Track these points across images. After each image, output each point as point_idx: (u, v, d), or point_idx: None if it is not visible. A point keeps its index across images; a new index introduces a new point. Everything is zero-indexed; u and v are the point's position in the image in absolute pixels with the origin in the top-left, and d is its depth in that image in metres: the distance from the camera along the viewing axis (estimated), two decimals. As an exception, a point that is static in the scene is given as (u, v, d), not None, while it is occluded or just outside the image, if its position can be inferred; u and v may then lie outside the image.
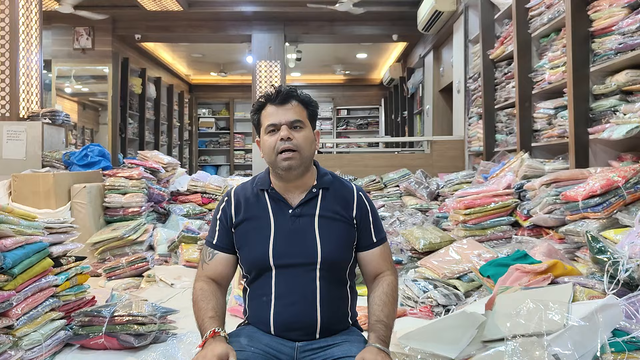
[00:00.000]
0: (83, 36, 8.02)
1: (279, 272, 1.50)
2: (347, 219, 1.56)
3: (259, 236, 1.52)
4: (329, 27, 8.31)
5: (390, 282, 1.55)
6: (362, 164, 6.08)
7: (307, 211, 1.54)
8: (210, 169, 12.14)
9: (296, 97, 1.56)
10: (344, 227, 1.55)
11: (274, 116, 1.53)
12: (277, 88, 1.56)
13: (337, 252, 1.52)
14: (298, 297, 1.47)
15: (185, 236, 4.02)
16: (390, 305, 1.51)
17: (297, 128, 1.53)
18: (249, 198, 1.58)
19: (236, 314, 2.63)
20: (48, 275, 2.27)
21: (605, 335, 1.40)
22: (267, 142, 1.53)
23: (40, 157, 4.91)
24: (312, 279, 1.49)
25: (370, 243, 1.58)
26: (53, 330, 2.21)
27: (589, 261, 2.15)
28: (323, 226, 1.52)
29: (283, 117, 1.52)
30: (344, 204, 1.57)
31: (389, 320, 1.47)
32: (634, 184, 2.50)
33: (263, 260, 1.50)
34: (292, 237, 1.51)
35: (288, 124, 1.52)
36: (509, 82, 4.71)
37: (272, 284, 1.50)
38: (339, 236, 1.53)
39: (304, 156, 1.52)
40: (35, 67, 5.39)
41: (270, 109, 1.54)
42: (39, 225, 2.32)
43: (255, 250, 1.51)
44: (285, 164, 1.49)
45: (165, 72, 10.83)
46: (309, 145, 1.54)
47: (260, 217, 1.54)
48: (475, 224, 3.36)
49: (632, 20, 2.84)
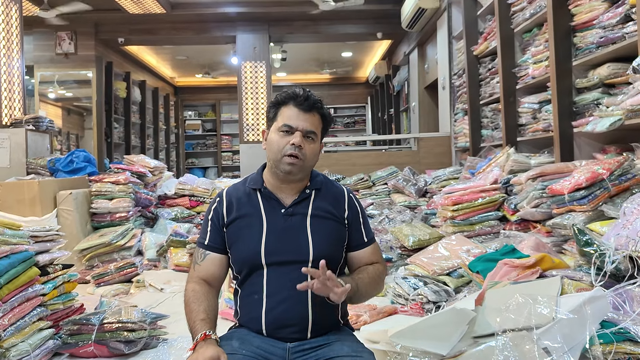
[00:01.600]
0: (65, 41, 7.93)
1: (271, 270, 1.50)
2: (339, 218, 1.58)
3: (251, 234, 1.53)
4: (313, 26, 8.30)
5: (376, 266, 1.61)
6: (349, 163, 6.08)
7: (299, 210, 1.56)
8: (198, 172, 12.08)
9: (319, 109, 1.58)
10: (335, 226, 1.57)
11: (293, 119, 1.53)
12: (306, 92, 1.56)
13: (328, 249, 1.53)
14: (289, 294, 1.47)
15: (173, 240, 3.99)
16: (366, 275, 1.55)
17: (310, 139, 1.55)
18: (241, 197, 1.59)
19: (226, 317, 2.62)
20: (35, 284, 2.24)
21: (594, 327, 1.41)
22: (277, 140, 1.53)
23: (24, 164, 4.84)
24: (303, 277, 1.48)
25: (361, 242, 1.61)
26: (41, 340, 2.19)
27: (576, 254, 2.17)
28: (315, 224, 1.54)
29: (302, 124, 1.53)
30: (336, 204, 1.60)
31: (360, 283, 1.50)
32: (618, 176, 2.52)
33: (255, 257, 1.50)
34: (284, 235, 1.52)
35: (304, 132, 1.53)
36: (493, 77, 4.74)
37: (264, 282, 1.50)
38: (330, 234, 1.55)
39: (306, 166, 1.55)
40: (17, 73, 5.32)
41: (292, 109, 1.55)
42: (24, 234, 2.29)
43: (247, 247, 1.52)
44: (287, 168, 1.51)
45: (150, 75, 10.76)
46: (314, 158, 1.57)
47: (252, 215, 1.55)
48: (464, 219, 3.38)
49: (613, 14, 2.87)
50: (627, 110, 2.66)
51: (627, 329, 1.44)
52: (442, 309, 2.18)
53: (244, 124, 8.16)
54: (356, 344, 1.49)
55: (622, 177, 2.53)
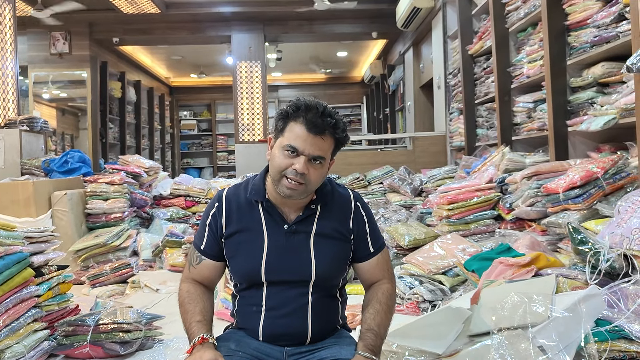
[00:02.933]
0: (60, 41, 7.90)
1: (271, 287, 1.46)
2: (344, 235, 1.50)
3: (251, 250, 1.46)
4: (309, 26, 8.30)
5: (386, 290, 1.51)
6: (345, 162, 6.08)
7: (303, 228, 1.47)
8: (193, 172, 12.06)
9: (333, 132, 1.41)
10: (340, 245, 1.50)
11: (300, 140, 1.38)
12: (319, 109, 1.39)
13: (331, 270, 1.48)
14: (289, 310, 1.45)
15: (169, 240, 3.98)
16: (384, 314, 1.46)
17: (317, 163, 1.41)
18: (242, 207, 1.50)
19: (222, 317, 2.61)
20: (29, 285, 2.23)
21: (589, 325, 1.41)
22: (280, 159, 1.40)
23: (19, 165, 4.82)
24: (303, 294, 1.46)
25: (367, 254, 1.53)
26: (36, 341, 2.18)
27: (571, 252, 2.18)
28: (319, 244, 1.46)
29: (309, 148, 1.38)
30: (342, 219, 1.51)
31: (380, 330, 1.42)
32: (613, 175, 2.53)
33: (255, 274, 1.45)
34: (286, 254, 1.45)
35: (310, 157, 1.39)
36: (488, 76, 4.75)
37: (263, 296, 1.47)
38: (334, 255, 1.48)
39: (309, 189, 1.43)
40: (11, 73, 5.29)
41: (301, 128, 1.38)
42: (18, 235, 2.28)
43: (247, 264, 1.46)
44: (287, 192, 1.41)
45: (145, 75, 10.73)
46: (319, 180, 1.45)
47: (253, 230, 1.47)
48: (459, 218, 3.39)
49: (607, 13, 2.88)
50: (621, 109, 2.67)
51: (622, 327, 1.45)
52: (437, 308, 2.18)
53: (240, 123, 8.15)
54: (353, 346, 1.47)
55: (616, 175, 2.54)
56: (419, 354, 1.59)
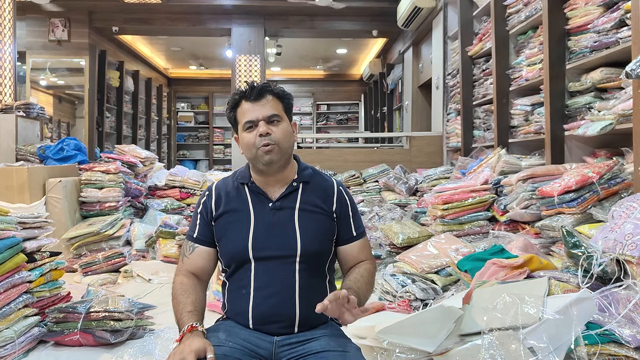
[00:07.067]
0: (59, 28, 7.85)
1: (258, 265, 1.50)
2: (327, 212, 1.57)
3: (238, 229, 1.53)
4: (310, 21, 8.28)
5: (367, 267, 1.59)
6: (341, 159, 6.08)
7: (287, 204, 1.55)
8: (189, 164, 12.04)
9: (270, 91, 1.57)
10: (323, 220, 1.56)
11: (250, 112, 1.54)
12: (250, 84, 1.57)
13: (316, 244, 1.53)
14: (277, 289, 1.48)
15: (163, 231, 3.98)
16: (364, 282, 1.52)
17: (275, 122, 1.54)
18: (230, 192, 1.60)
19: (214, 310, 2.62)
20: (21, 271, 2.22)
21: (579, 328, 1.42)
22: (246, 138, 1.54)
23: (14, 150, 4.80)
24: (291, 272, 1.49)
25: (350, 237, 1.61)
26: (26, 327, 2.17)
27: (564, 255, 2.19)
28: (303, 219, 1.53)
29: (260, 113, 1.53)
30: (324, 198, 1.59)
31: (359, 292, 1.46)
32: (608, 180, 2.54)
33: (242, 252, 1.50)
34: (271, 230, 1.51)
35: (265, 119, 1.53)
36: (487, 78, 4.76)
37: (251, 276, 1.50)
38: (318, 228, 1.54)
39: (283, 149, 1.54)
40: (8, 58, 5.27)
41: (245, 105, 1.55)
42: (11, 220, 2.27)
43: (235, 242, 1.52)
44: (266, 159, 1.51)
45: (144, 65, 10.68)
46: (288, 138, 1.56)
47: (240, 210, 1.55)
48: (453, 218, 3.39)
49: (607, 18, 2.89)
50: (619, 114, 2.68)
51: (612, 330, 1.46)
52: (429, 306, 2.18)
53: (237, 117, 8.11)
54: (343, 339, 1.49)
55: (611, 181, 2.55)
56: (409, 352, 1.60)
